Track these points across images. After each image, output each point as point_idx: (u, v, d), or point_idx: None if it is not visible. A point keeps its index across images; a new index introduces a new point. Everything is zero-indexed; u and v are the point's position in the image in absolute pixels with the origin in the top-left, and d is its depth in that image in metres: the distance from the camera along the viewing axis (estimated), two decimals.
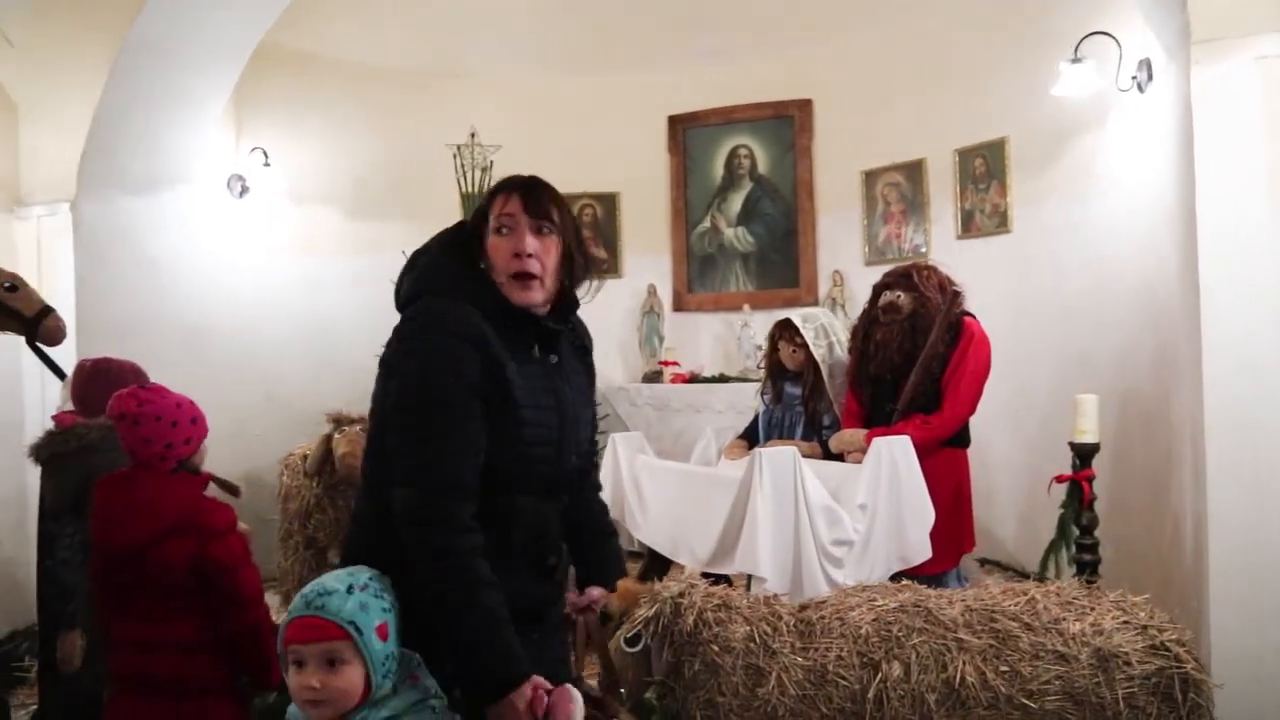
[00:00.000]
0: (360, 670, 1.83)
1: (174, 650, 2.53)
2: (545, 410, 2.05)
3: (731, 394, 6.23)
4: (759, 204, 7.02)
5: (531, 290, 2.03)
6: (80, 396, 3.17)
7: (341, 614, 1.81)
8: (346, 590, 1.85)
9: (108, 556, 2.58)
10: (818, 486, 3.70)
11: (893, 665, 2.52)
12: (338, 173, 6.61)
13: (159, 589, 2.54)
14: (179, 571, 2.51)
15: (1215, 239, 3.12)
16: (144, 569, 2.51)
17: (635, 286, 7.14)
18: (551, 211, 2.06)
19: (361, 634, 1.82)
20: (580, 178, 7.15)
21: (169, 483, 2.61)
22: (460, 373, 1.94)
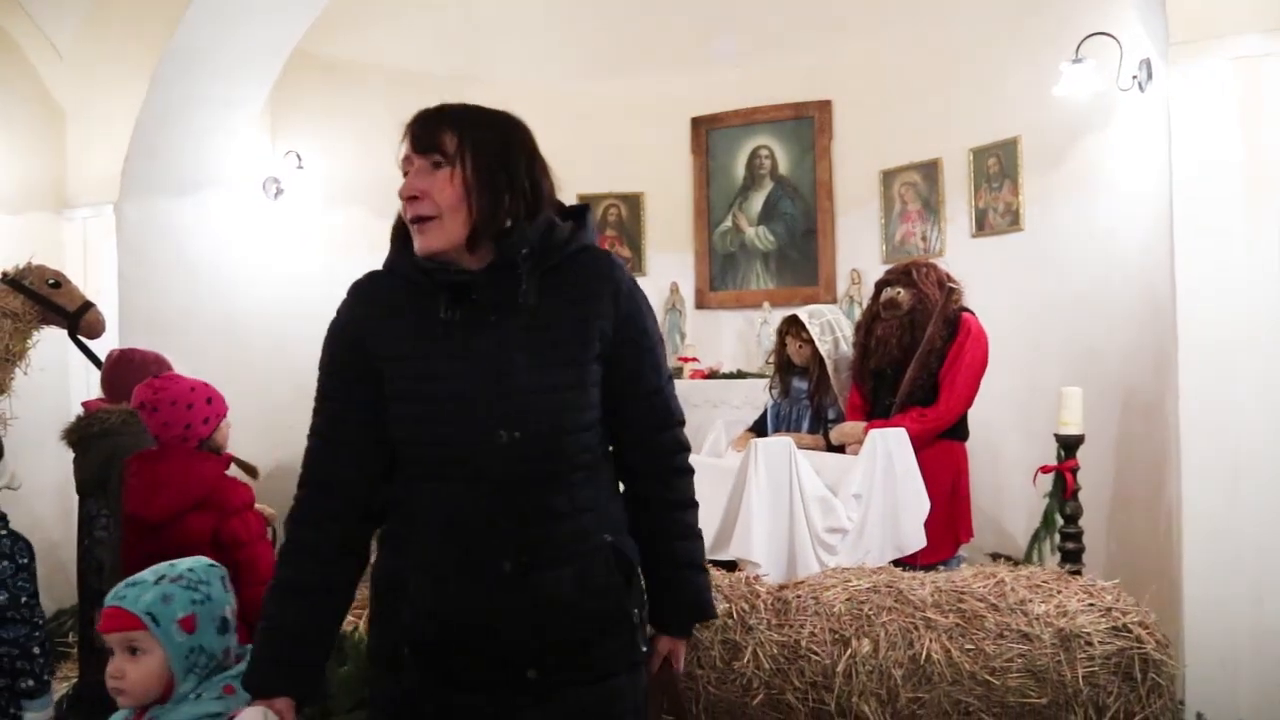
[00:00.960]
0: (161, 661, 1.84)
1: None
2: (445, 379, 1.72)
3: (749, 389, 6.34)
4: (779, 204, 7.13)
5: (425, 235, 1.74)
6: (108, 384, 3.40)
7: (139, 604, 1.83)
8: (154, 581, 1.87)
9: (137, 528, 2.79)
10: (812, 476, 3.83)
11: (862, 642, 2.66)
12: (368, 175, 6.79)
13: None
14: (202, 545, 2.69)
15: (1191, 236, 3.21)
16: (170, 541, 2.70)
17: (659, 284, 7.28)
18: (443, 139, 1.77)
19: (159, 624, 1.83)
20: (605, 178, 7.32)
21: (193, 461, 2.83)
22: (331, 354, 1.85)
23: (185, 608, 1.85)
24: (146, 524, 2.76)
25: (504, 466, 1.70)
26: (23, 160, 5.43)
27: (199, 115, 5.57)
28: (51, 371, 4.75)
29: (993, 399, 4.89)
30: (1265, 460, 3.19)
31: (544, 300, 1.75)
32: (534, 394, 1.72)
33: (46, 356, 4.42)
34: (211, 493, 2.80)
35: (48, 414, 4.27)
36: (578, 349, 1.75)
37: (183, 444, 2.84)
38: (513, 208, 1.77)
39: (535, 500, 1.72)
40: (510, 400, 1.70)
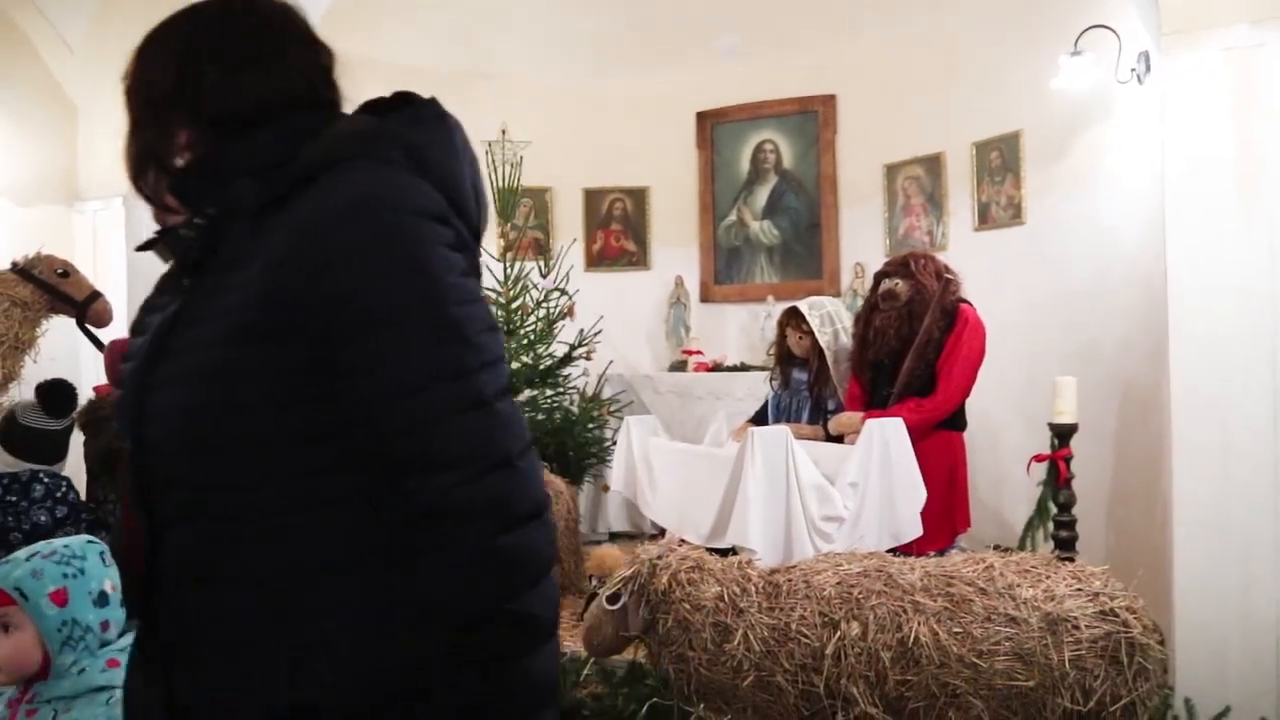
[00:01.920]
0: (34, 636, 1.83)
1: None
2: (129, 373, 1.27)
3: (752, 382, 6.39)
4: (784, 198, 7.16)
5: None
6: (109, 371, 3.46)
7: (8, 580, 1.84)
8: (26, 558, 1.88)
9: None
10: (809, 465, 3.87)
11: (851, 625, 2.70)
12: None
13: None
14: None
15: (1183, 228, 3.24)
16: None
17: (663, 278, 7.34)
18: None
19: (28, 599, 1.82)
20: (611, 172, 7.38)
21: None
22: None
23: (56, 581, 1.84)
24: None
25: (170, 492, 1.21)
26: (34, 154, 5.49)
27: None
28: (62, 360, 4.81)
29: (993, 390, 4.93)
30: (1255, 451, 3.21)
31: (240, 258, 1.18)
32: (163, 391, 1.20)
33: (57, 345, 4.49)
34: None
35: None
36: (238, 321, 1.15)
37: None
38: (191, 138, 1.26)
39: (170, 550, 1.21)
40: (140, 396, 1.23)
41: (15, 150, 5.40)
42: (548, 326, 6.21)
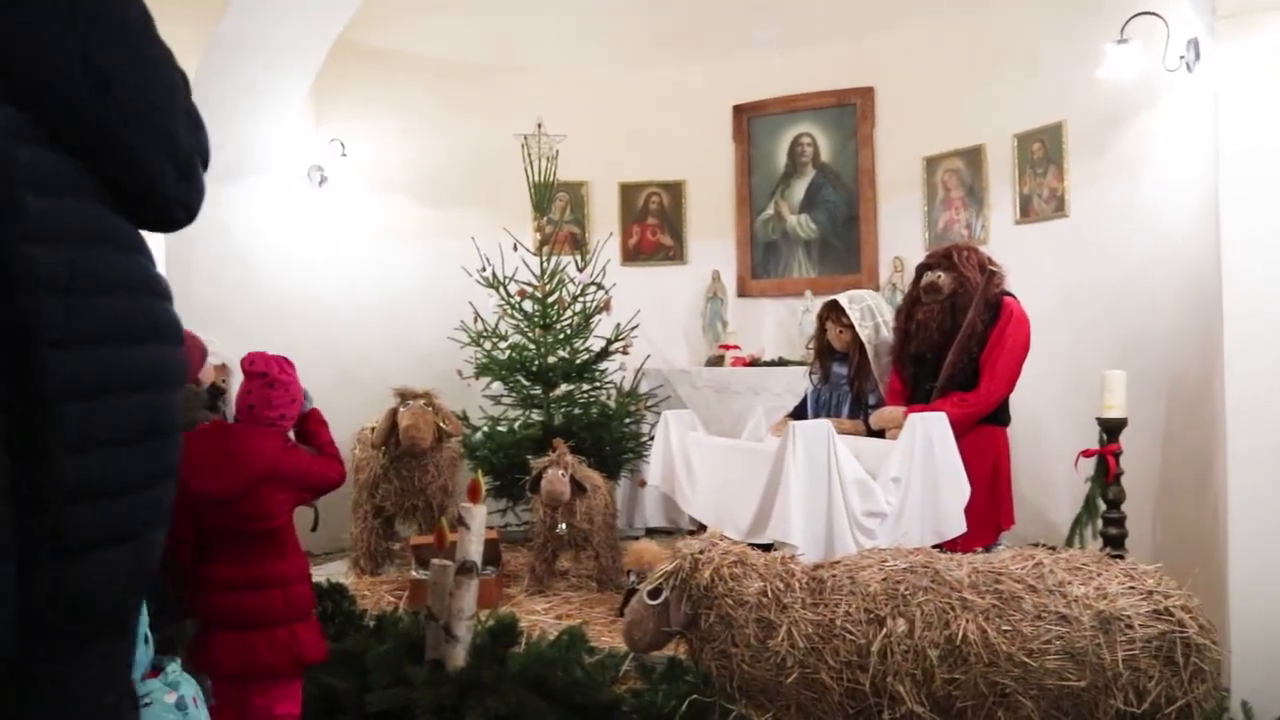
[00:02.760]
0: None
1: (265, 586, 2.85)
2: None
3: (790, 377, 6.33)
4: (821, 191, 7.09)
5: None
6: None
7: None
8: None
9: (204, 503, 2.84)
10: (851, 459, 3.82)
11: (897, 621, 2.64)
12: (411, 162, 6.89)
13: (253, 533, 2.85)
14: (276, 511, 2.86)
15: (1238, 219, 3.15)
16: (243, 513, 2.81)
17: (700, 272, 7.29)
18: None
19: None
20: (647, 166, 7.35)
21: (262, 437, 2.91)
22: None
23: None
24: (214, 499, 2.82)
25: None
26: None
27: (245, 103, 5.65)
28: None
29: (1037, 385, 4.84)
30: None
31: None
32: None
33: None
34: (274, 465, 2.87)
35: None
36: None
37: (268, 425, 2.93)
38: None
39: None
40: None
41: None
42: (584, 321, 6.18)
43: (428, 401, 5.22)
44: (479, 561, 3.50)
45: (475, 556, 3.48)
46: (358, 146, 6.59)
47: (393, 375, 5.95)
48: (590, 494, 4.78)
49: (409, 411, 5.10)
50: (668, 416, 5.01)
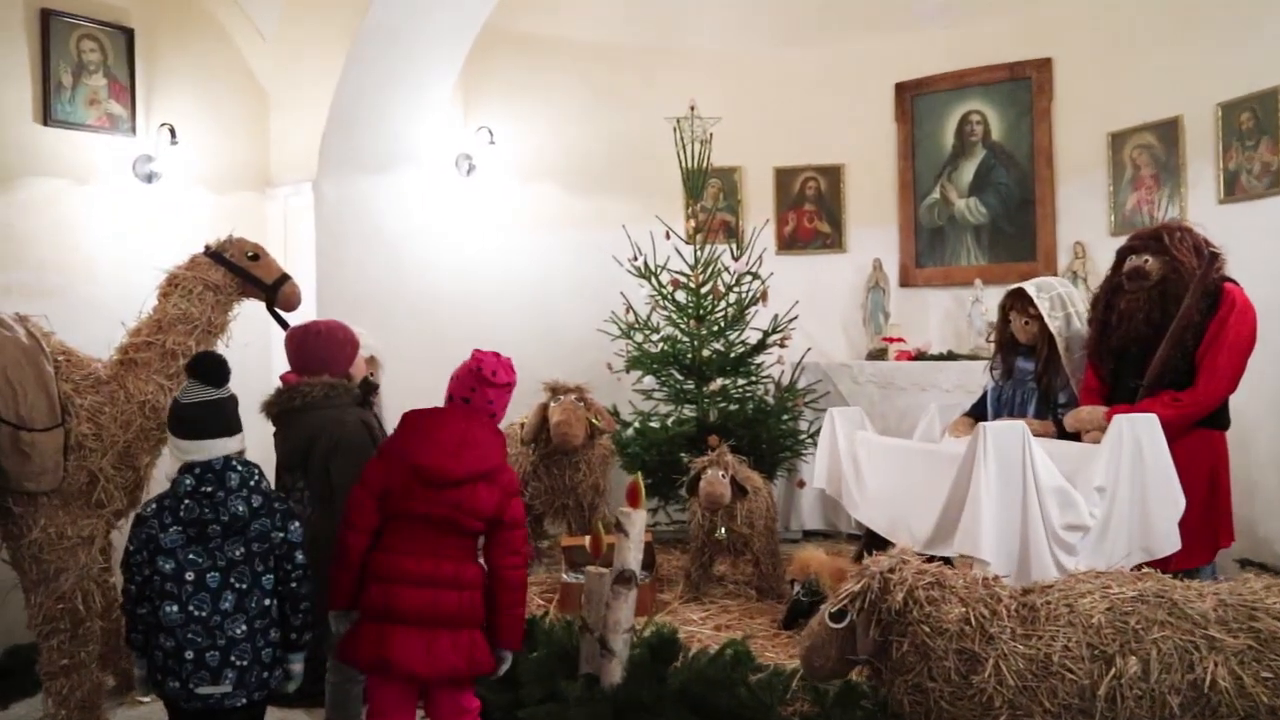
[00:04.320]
0: None
1: (463, 586, 2.77)
2: None
3: (960, 372, 5.92)
4: (992, 173, 6.62)
5: None
6: (296, 357, 3.33)
7: None
8: None
9: (434, 483, 2.75)
10: (1049, 466, 3.42)
11: (1129, 661, 2.27)
12: (560, 149, 6.73)
13: (464, 529, 2.79)
14: (486, 514, 2.78)
15: None
16: (455, 501, 2.74)
17: (860, 261, 6.92)
18: None
19: None
20: (803, 150, 7.02)
21: (495, 433, 2.90)
22: None
23: None
24: (445, 479, 2.74)
25: None
26: (230, 142, 5.56)
27: (393, 93, 5.58)
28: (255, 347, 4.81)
29: (1246, 386, 4.31)
30: None
31: None
32: None
33: (251, 332, 4.46)
34: (499, 468, 2.84)
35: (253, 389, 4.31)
36: None
37: (493, 420, 2.90)
38: None
39: None
40: None
41: (212, 139, 5.47)
42: (739, 312, 5.90)
43: (579, 396, 5.03)
44: (638, 571, 3.25)
45: (634, 565, 3.24)
46: (506, 134, 6.47)
47: (542, 369, 5.78)
48: (751, 496, 4.49)
49: (560, 407, 4.92)
50: (834, 414, 4.67)
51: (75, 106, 4.99)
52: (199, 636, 2.61)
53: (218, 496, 2.67)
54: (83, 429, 3.62)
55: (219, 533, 2.66)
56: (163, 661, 2.63)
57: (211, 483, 2.68)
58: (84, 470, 3.62)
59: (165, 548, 2.64)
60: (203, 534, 2.66)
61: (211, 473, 2.69)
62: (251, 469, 2.76)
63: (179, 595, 2.62)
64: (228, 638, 2.64)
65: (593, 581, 3.32)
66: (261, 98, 5.67)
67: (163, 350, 3.88)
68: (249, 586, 2.68)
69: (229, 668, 2.63)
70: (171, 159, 5.21)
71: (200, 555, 2.65)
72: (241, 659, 2.65)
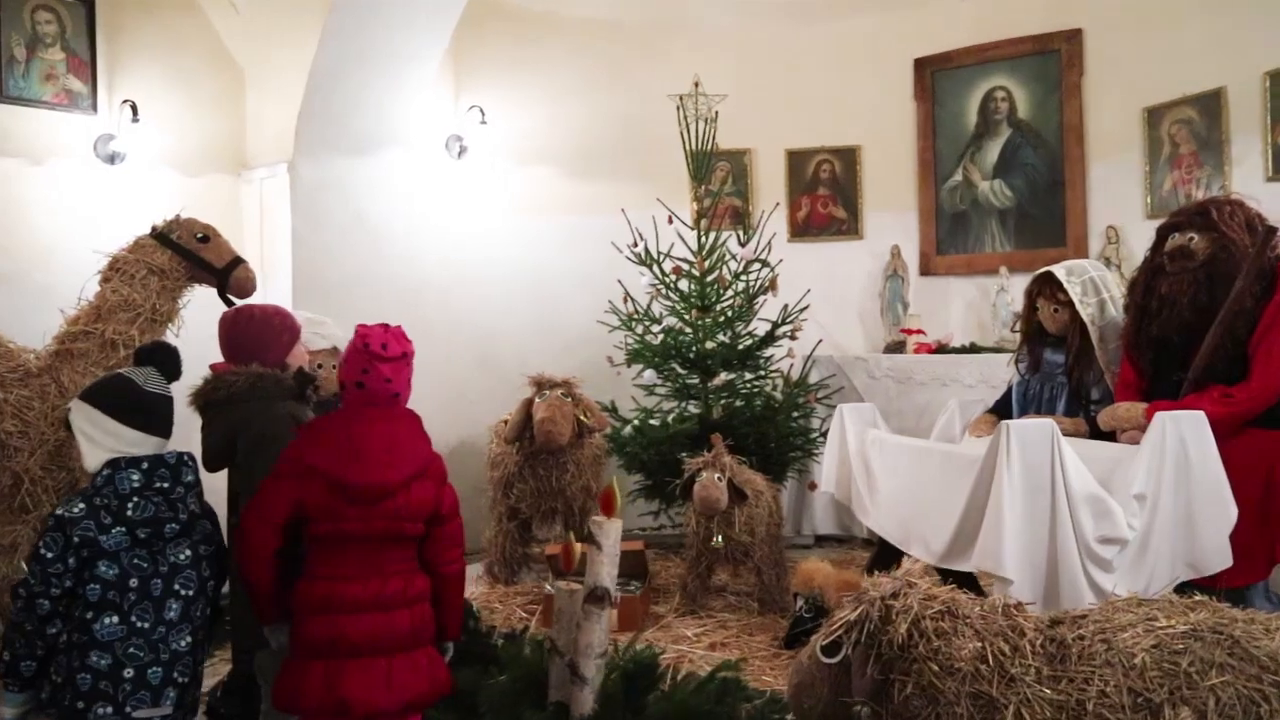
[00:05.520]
0: None
1: (413, 601, 2.45)
2: None
3: (983, 366, 5.52)
4: (1019, 153, 6.20)
5: None
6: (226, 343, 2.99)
7: None
8: None
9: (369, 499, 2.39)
10: (1081, 469, 3.02)
11: (1180, 710, 1.88)
12: (556, 130, 6.38)
13: (398, 539, 2.45)
14: (425, 513, 2.47)
15: None
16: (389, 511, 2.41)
17: (877, 248, 6.51)
18: None
19: None
20: (816, 131, 6.63)
21: (416, 424, 2.54)
22: None
23: None
24: (382, 492, 2.39)
25: None
26: (202, 122, 5.24)
27: (374, 69, 5.23)
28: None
29: None
30: None
31: None
32: None
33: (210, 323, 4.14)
34: (432, 459, 2.52)
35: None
36: None
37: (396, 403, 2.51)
38: None
39: None
40: None
41: (182, 118, 5.16)
42: (747, 302, 5.51)
43: (566, 391, 4.66)
44: (612, 588, 2.87)
45: (608, 582, 2.85)
46: (499, 114, 6.11)
47: (537, 361, 5.44)
48: (751, 501, 4.11)
49: (545, 403, 4.55)
50: (843, 410, 4.28)
51: (30, 82, 4.69)
52: (141, 651, 2.34)
53: (175, 493, 2.39)
54: (6, 426, 3.32)
55: (173, 533, 2.39)
56: (90, 685, 2.30)
57: (166, 478, 2.39)
58: (7, 471, 3.32)
59: (108, 551, 2.33)
60: (155, 535, 2.37)
61: (165, 467, 2.40)
62: (196, 463, 2.49)
63: (120, 604, 2.32)
64: (171, 651, 2.37)
65: (562, 599, 2.94)
66: (235, 73, 5.34)
67: (102, 340, 3.58)
68: (195, 593, 2.42)
69: (171, 685, 2.37)
70: (136, 138, 4.89)
71: (145, 560, 2.36)
72: (184, 675, 2.39)
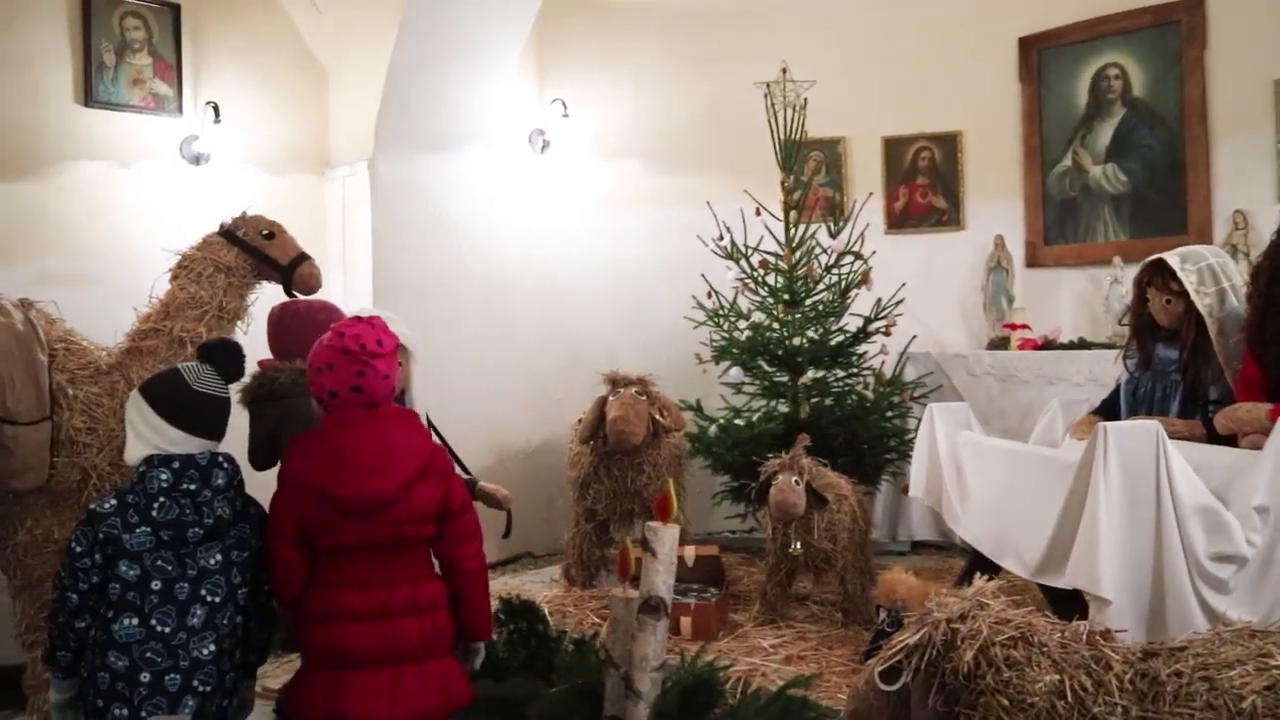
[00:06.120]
0: None
1: (423, 610, 2.35)
2: None
3: (1093, 363, 5.16)
4: (1134, 134, 5.78)
5: None
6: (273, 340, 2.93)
7: None
8: None
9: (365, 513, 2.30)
10: (1192, 477, 2.73)
11: None
12: (640, 122, 6.24)
13: (407, 543, 2.35)
14: (432, 513, 2.35)
15: None
16: (401, 517, 2.31)
17: (980, 240, 6.16)
18: None
19: None
20: (914, 117, 6.32)
21: (411, 422, 2.42)
22: None
23: None
24: (379, 503, 2.30)
25: None
26: (286, 121, 5.26)
27: (453, 64, 5.18)
28: None
29: None
30: None
31: None
32: None
33: None
34: (434, 455, 2.40)
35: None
36: None
37: (389, 403, 2.40)
38: None
39: None
40: None
41: (266, 118, 5.17)
42: (839, 297, 5.27)
43: (642, 389, 4.50)
44: (668, 598, 2.70)
45: (663, 592, 2.69)
46: (582, 107, 6.01)
47: (624, 359, 5.33)
48: (833, 506, 3.88)
49: (619, 401, 4.41)
50: (933, 410, 4.03)
51: (118, 87, 4.76)
52: (159, 656, 2.26)
53: (202, 496, 2.30)
54: (75, 423, 3.31)
55: (198, 537, 2.31)
56: (109, 685, 2.25)
57: (195, 480, 2.31)
58: (76, 467, 3.31)
59: (130, 550, 2.27)
60: (179, 538, 2.30)
61: (195, 468, 2.32)
62: (236, 468, 2.41)
63: (141, 606, 2.26)
64: (192, 659, 2.29)
65: (618, 608, 2.78)
66: (318, 72, 5.34)
67: (170, 338, 3.55)
68: (223, 600, 2.32)
69: (190, 694, 2.27)
70: (220, 139, 4.92)
71: (170, 562, 2.29)
72: (205, 684, 2.30)
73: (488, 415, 5.54)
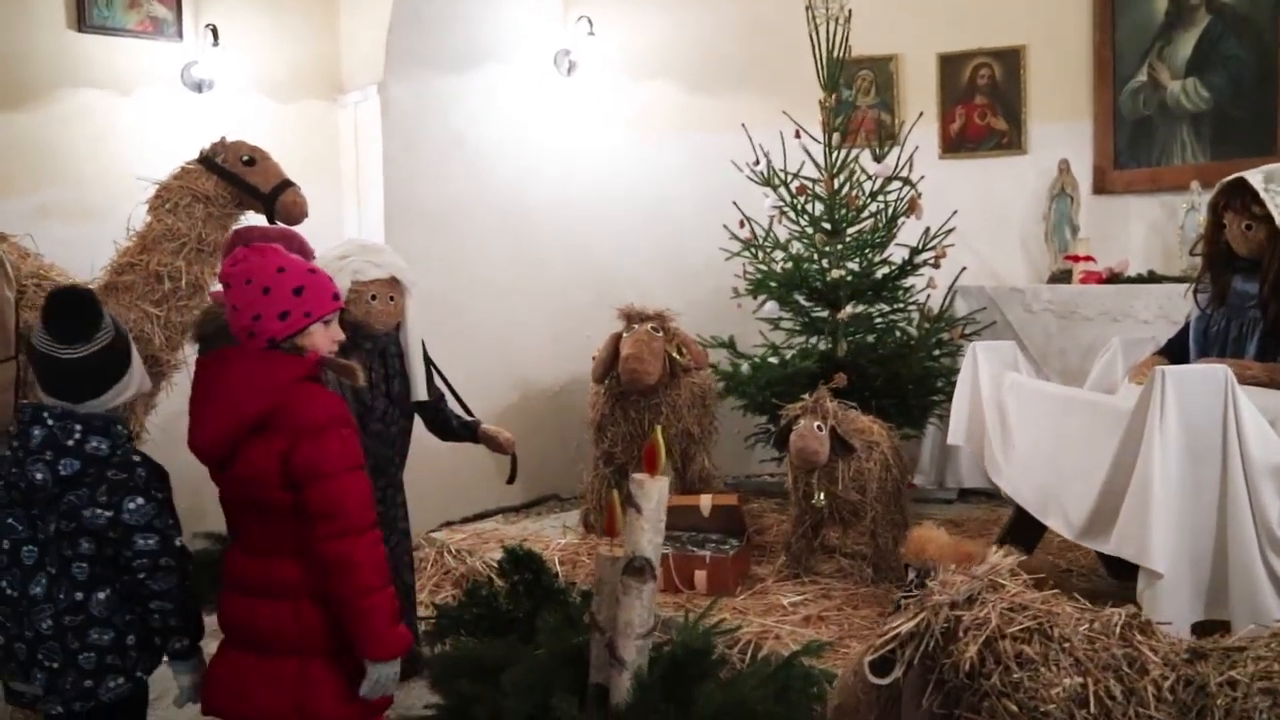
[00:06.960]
0: None
1: (274, 594, 2.07)
2: None
3: (1164, 298, 4.71)
4: (1218, 45, 5.24)
5: None
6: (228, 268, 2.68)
7: None
8: None
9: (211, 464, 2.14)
10: (1268, 432, 2.36)
11: None
12: (673, 41, 5.84)
13: (258, 509, 2.08)
14: (272, 481, 2.02)
15: None
16: (242, 478, 2.06)
17: (1043, 164, 5.68)
18: None
19: None
20: (972, 31, 5.81)
21: (259, 364, 2.08)
22: None
23: None
24: (206, 455, 2.11)
25: None
26: (293, 45, 5.01)
27: None
28: None
29: None
30: None
31: None
32: None
33: None
34: (280, 405, 2.05)
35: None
36: None
37: (248, 339, 2.11)
38: None
39: None
40: None
41: (273, 43, 4.93)
42: (885, 226, 4.89)
43: (659, 325, 4.20)
44: (655, 558, 2.43)
45: (650, 552, 2.41)
46: (609, 24, 5.63)
47: (658, 293, 5.02)
48: (861, 453, 3.55)
49: (632, 338, 4.11)
50: (976, 349, 3.66)
51: (114, 10, 4.58)
52: (8, 621, 2.18)
53: (17, 455, 2.11)
54: None
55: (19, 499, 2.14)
56: None
57: (17, 437, 2.11)
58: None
59: None
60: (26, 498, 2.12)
61: (19, 423, 2.11)
62: (69, 425, 2.11)
63: None
64: (35, 631, 2.17)
65: (604, 567, 2.52)
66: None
67: (147, 272, 3.39)
68: (57, 574, 2.15)
69: (36, 667, 2.18)
70: (224, 64, 4.70)
71: (21, 521, 2.14)
72: (51, 660, 2.17)
73: (512, 349, 5.35)
